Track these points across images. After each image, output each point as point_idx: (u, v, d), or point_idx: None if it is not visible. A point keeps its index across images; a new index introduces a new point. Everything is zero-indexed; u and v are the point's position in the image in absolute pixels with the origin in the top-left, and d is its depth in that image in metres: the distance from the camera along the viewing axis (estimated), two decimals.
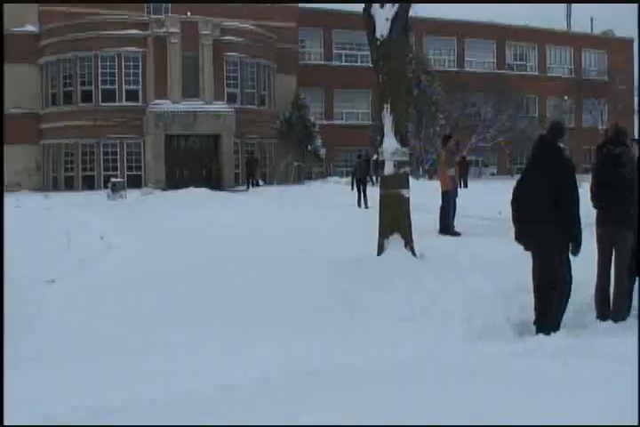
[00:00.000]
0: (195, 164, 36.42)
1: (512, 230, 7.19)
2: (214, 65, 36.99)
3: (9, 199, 21.62)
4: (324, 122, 44.86)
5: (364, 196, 21.93)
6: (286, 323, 7.30)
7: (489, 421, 3.71)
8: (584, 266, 7.11)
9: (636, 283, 7.41)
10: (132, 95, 36.48)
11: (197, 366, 5.96)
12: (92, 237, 13.41)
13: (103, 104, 36.36)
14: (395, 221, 10.86)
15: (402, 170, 11.08)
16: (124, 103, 36.39)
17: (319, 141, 41.14)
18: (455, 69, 50.72)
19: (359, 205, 21.88)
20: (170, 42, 36.12)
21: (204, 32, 36.66)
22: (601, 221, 7.31)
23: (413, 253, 10.66)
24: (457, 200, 15.02)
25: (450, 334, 6.61)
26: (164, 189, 31.22)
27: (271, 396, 4.57)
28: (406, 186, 11.17)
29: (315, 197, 24.91)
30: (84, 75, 36.59)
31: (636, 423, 2.68)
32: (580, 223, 6.74)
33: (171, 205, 20.08)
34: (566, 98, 51.93)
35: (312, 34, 47.03)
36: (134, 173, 36.30)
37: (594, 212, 7.47)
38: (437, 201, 15.11)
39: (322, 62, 47.79)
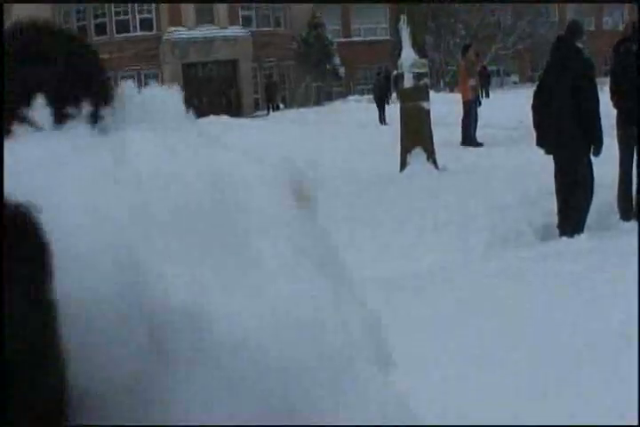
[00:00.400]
0: (213, 91, 36.11)
1: (534, 137, 7.13)
2: None
3: None
4: (342, 39, 44.02)
5: (384, 112, 21.74)
6: None
7: (515, 320, 3.77)
8: (606, 167, 7.04)
9: None
10: (146, 24, 36.04)
11: None
12: None
13: (117, 35, 36.00)
14: (416, 134, 10.82)
15: (421, 82, 10.98)
16: (139, 33, 36.00)
17: (338, 60, 40.45)
18: None
19: (381, 121, 21.70)
20: None
21: None
22: (621, 122, 7.20)
23: (436, 167, 10.66)
24: (479, 110, 14.86)
25: (473, 242, 6.64)
26: None
27: None
28: (426, 98, 11.08)
29: (336, 118, 24.74)
30: (97, 7, 36.11)
31: (635, 423, 2.71)
32: (600, 124, 6.66)
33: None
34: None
35: None
36: None
37: (614, 112, 7.34)
38: (459, 113, 14.93)
39: None
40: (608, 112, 7.31)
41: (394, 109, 14.85)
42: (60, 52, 0.97)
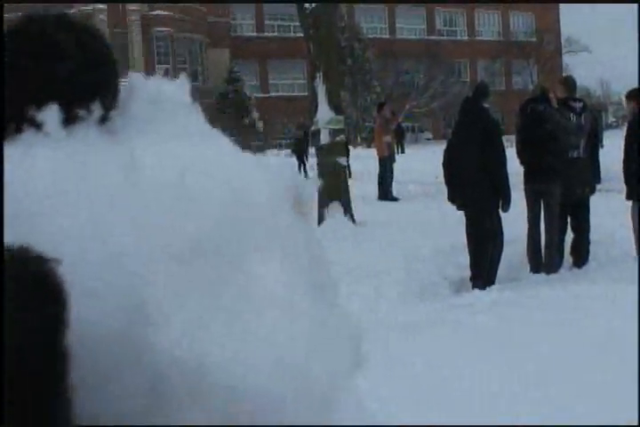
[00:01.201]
0: None
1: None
2: (144, 41, 36.42)
3: None
4: (260, 95, 44.57)
5: (305, 166, 21.98)
6: None
7: (425, 372, 3.84)
8: (515, 222, 7.30)
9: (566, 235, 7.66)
10: None
11: None
12: None
13: None
14: (333, 189, 10.92)
15: (338, 138, 11.15)
16: None
17: (256, 114, 40.88)
18: (387, 37, 50.82)
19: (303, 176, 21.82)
20: (97, 19, 35.37)
21: (131, 7, 36.01)
22: (528, 177, 7.51)
23: (353, 221, 10.79)
24: (394, 166, 15.19)
25: (388, 294, 6.73)
26: None
27: None
28: (343, 154, 11.26)
29: None
30: None
31: (635, 423, 2.80)
32: (507, 181, 6.94)
33: None
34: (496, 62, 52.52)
35: (243, 6, 46.44)
36: None
37: (521, 169, 7.65)
38: (376, 168, 15.23)
39: (254, 34, 47.32)
40: (516, 168, 7.63)
41: (311, 164, 15.04)
42: (73, 47, 0.91)
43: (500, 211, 7.04)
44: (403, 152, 29.44)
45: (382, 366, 3.85)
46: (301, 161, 22.50)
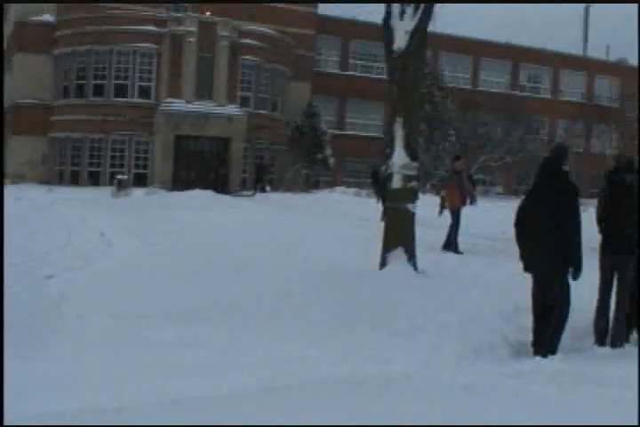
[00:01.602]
0: (202, 166, 36.35)
1: (516, 251, 7.17)
2: (229, 67, 37.04)
3: (11, 190, 21.60)
4: (336, 131, 44.82)
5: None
6: (281, 332, 7.24)
7: None
8: (584, 290, 7.07)
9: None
10: (144, 92, 36.54)
11: (183, 365, 5.93)
12: (93, 234, 13.39)
13: (115, 99, 36.42)
14: (399, 234, 10.82)
15: (409, 184, 11.05)
16: (136, 99, 36.45)
17: (329, 151, 41.04)
18: (469, 88, 50.81)
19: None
20: (186, 40, 36.16)
21: (222, 33, 36.73)
22: (605, 247, 7.29)
23: (415, 269, 10.64)
24: (461, 218, 15.02)
25: (445, 351, 6.56)
26: (169, 190, 31.23)
27: (260, 405, 4.52)
28: (413, 200, 11.14)
29: (321, 206, 24.89)
30: (98, 68, 36.65)
31: (635, 423, 2.64)
32: (580, 248, 6.72)
33: (175, 206, 20.07)
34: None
35: (330, 42, 47.04)
36: (141, 171, 36.34)
37: (597, 236, 7.44)
38: (442, 217, 15.09)
39: (337, 71, 47.78)
40: (592, 236, 7.41)
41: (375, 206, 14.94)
42: None
43: (570, 278, 6.81)
44: (475, 202, 29.10)
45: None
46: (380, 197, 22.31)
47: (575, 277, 6.81)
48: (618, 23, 64.03)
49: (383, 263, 10.63)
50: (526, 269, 7.04)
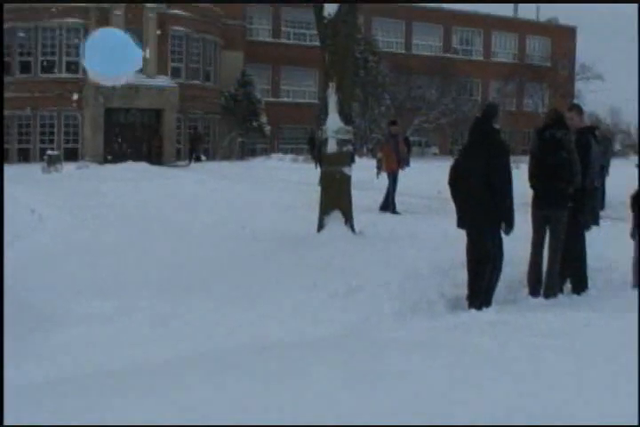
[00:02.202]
0: (135, 138, 35.82)
1: (451, 209, 7.22)
2: (158, 38, 36.33)
3: None
4: (271, 99, 44.54)
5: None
6: (218, 298, 7.18)
7: (420, 393, 3.68)
8: (517, 244, 7.16)
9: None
10: (72, 67, 35.62)
11: (117, 338, 5.85)
12: (23, 211, 13.07)
13: (42, 75, 35.50)
14: (335, 198, 10.84)
15: (344, 148, 11.05)
16: (64, 75, 35.56)
17: (264, 118, 40.78)
18: (402, 52, 50.86)
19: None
20: (113, 14, 35.29)
21: (149, 5, 35.93)
22: (537, 202, 7.38)
23: (353, 230, 10.67)
24: (398, 179, 15.10)
25: (384, 309, 6.59)
26: (101, 163, 30.71)
27: (196, 371, 4.47)
28: (348, 164, 11.15)
29: (258, 174, 24.76)
30: (24, 45, 35.63)
31: (635, 423, 2.67)
32: (512, 204, 6.81)
33: (107, 180, 19.70)
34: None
35: (260, 11, 46.48)
36: (71, 146, 35.62)
37: (529, 192, 7.52)
38: (376, 179, 15.15)
39: (270, 39, 47.31)
40: (524, 192, 7.49)
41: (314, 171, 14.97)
42: None
43: (503, 234, 6.89)
44: (408, 165, 29.39)
45: (374, 381, 3.71)
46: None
47: (507, 233, 6.89)
48: None
49: (321, 226, 10.63)
50: (459, 225, 7.11)
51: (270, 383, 3.64)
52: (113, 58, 5.27)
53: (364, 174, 17.23)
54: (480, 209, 6.83)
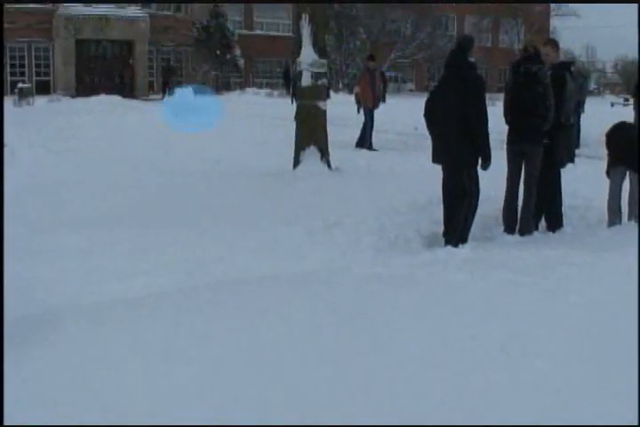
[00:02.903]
0: (107, 71, 35.17)
1: (428, 145, 7.21)
2: None
3: None
4: (244, 31, 43.67)
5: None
6: (195, 233, 7.18)
7: (397, 326, 3.75)
8: (493, 180, 7.19)
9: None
10: None
11: (97, 270, 5.85)
12: None
13: (9, 5, 34.44)
14: (311, 133, 10.79)
15: (320, 82, 10.93)
16: (33, 5, 34.54)
17: (238, 51, 40.06)
18: None
19: None
20: None
21: None
22: (512, 137, 7.37)
23: (329, 166, 10.66)
24: (375, 115, 15.01)
25: (361, 245, 6.63)
26: (73, 96, 30.17)
27: (173, 306, 4.49)
28: (323, 98, 11.05)
29: (233, 108, 24.47)
30: None
31: (635, 423, 2.72)
32: (487, 138, 6.78)
33: (80, 113, 19.39)
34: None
35: None
36: (43, 78, 34.89)
37: (505, 129, 7.51)
38: (356, 115, 15.02)
39: None
40: (500, 128, 7.48)
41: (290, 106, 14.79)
42: None
43: (480, 169, 6.90)
44: (384, 101, 29.21)
45: (353, 318, 3.76)
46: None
47: (484, 168, 6.90)
48: None
49: (297, 162, 10.61)
50: (435, 160, 7.10)
51: (255, 318, 3.67)
52: None
53: (341, 110, 17.10)
54: (455, 143, 6.80)
